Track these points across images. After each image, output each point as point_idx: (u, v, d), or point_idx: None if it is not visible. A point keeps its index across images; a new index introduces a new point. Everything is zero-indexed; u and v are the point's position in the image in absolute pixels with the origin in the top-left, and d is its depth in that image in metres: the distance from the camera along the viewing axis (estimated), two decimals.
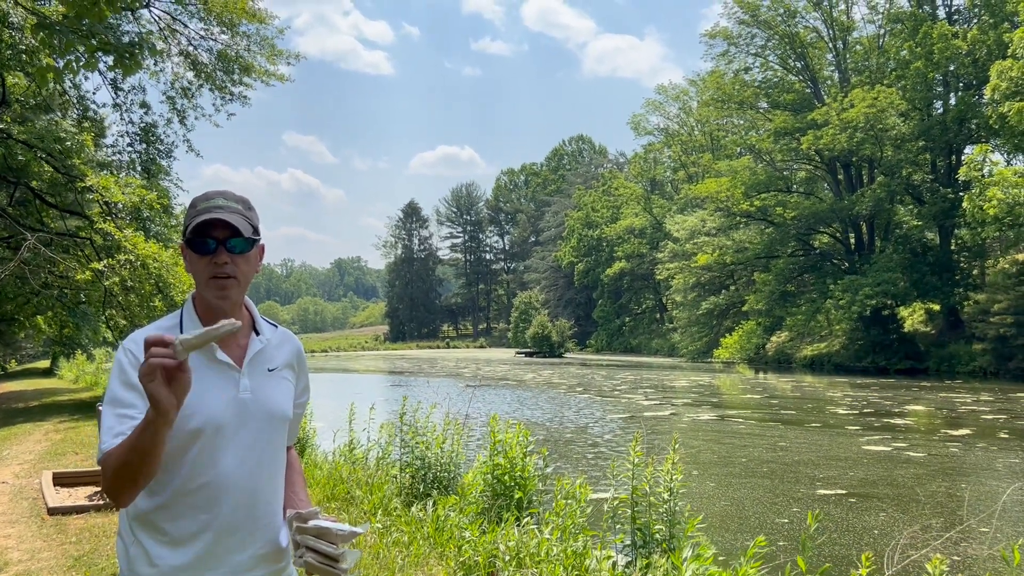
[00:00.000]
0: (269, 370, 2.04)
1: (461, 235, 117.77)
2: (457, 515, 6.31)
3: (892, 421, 19.14)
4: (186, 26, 20.23)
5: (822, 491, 11.13)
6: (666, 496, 5.81)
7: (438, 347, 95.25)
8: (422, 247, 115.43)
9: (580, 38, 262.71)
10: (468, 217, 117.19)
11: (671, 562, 4.89)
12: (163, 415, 1.64)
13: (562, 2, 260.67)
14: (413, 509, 6.68)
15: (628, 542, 5.94)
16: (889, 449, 14.69)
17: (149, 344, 1.62)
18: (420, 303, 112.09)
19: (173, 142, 22.54)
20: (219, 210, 1.94)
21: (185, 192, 23.35)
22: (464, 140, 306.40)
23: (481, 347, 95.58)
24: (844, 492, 11.05)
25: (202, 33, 20.32)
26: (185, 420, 1.82)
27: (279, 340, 2.11)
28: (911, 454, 14.21)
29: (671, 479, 5.81)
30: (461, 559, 5.42)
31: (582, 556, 5.27)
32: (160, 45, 20.43)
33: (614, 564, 5.35)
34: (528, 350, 72.20)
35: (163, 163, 22.79)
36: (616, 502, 5.96)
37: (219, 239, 1.93)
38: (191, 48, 20.55)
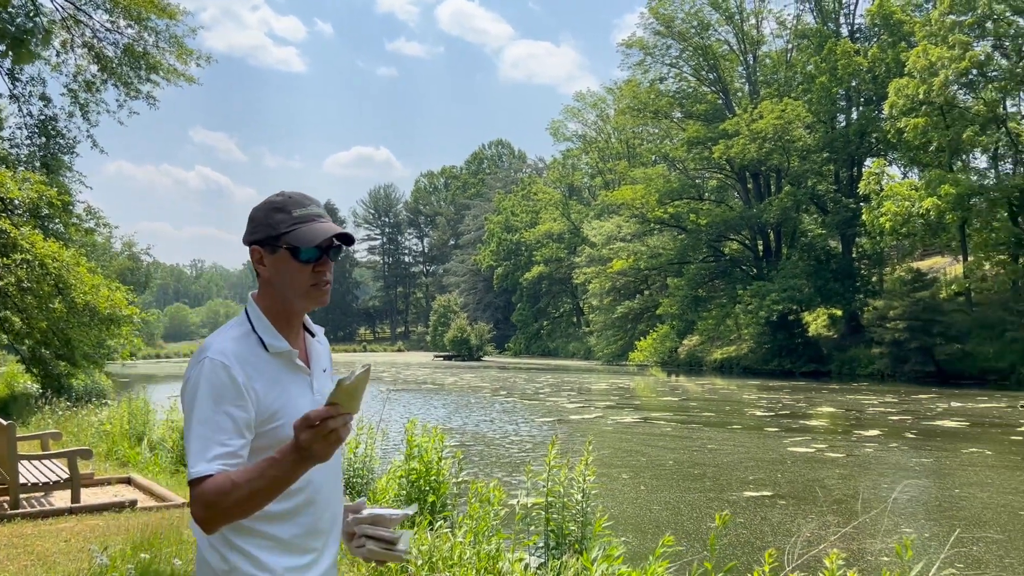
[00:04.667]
0: (323, 371, 2.05)
1: (379, 237, 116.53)
2: None
3: (808, 423, 19.76)
4: (91, 17, 19.45)
5: (751, 493, 11.27)
6: (579, 498, 5.89)
7: (355, 351, 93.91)
8: None
9: (496, 43, 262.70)
10: (386, 219, 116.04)
11: (581, 563, 4.95)
12: (315, 461, 1.65)
13: (477, 5, 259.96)
14: None
15: (541, 544, 5.99)
16: (812, 450, 15.11)
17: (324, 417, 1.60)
18: (336, 306, 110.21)
19: (75, 137, 21.63)
20: (322, 219, 1.92)
21: (89, 189, 22.47)
22: (380, 141, 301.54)
23: (399, 351, 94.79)
24: (771, 493, 11.22)
25: (107, 25, 19.57)
26: (285, 428, 1.80)
27: (320, 338, 2.12)
28: (832, 455, 14.66)
29: (584, 480, 5.89)
30: (372, 564, 5.37)
31: (495, 559, 5.29)
32: (63, 35, 19.59)
33: (527, 566, 5.39)
34: (447, 353, 71.96)
35: (65, 159, 21.84)
36: (530, 504, 6.00)
37: (323, 247, 1.90)
38: (96, 40, 19.77)
